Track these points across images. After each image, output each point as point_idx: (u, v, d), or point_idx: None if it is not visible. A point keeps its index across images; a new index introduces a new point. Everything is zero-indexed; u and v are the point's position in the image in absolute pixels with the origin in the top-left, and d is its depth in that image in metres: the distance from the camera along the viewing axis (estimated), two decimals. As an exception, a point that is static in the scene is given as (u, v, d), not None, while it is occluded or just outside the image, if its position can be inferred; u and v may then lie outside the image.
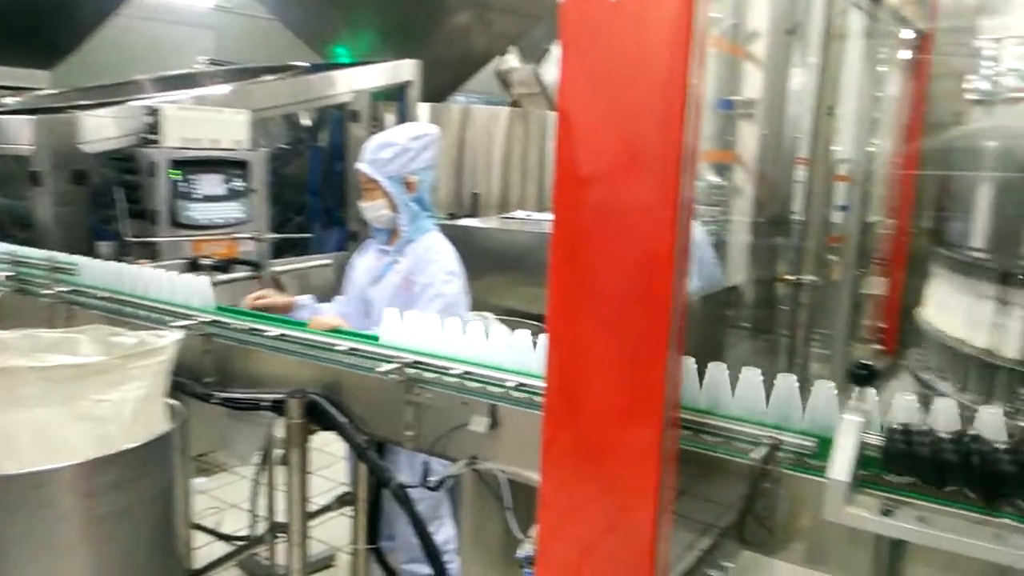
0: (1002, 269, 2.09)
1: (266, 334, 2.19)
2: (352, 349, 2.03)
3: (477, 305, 3.10)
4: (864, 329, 3.92)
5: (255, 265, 4.27)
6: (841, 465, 1.34)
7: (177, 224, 4.13)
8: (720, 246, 2.57)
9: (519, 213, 5.23)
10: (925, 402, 1.47)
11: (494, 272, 3.84)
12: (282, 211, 5.24)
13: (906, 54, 3.84)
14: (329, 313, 2.68)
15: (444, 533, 2.66)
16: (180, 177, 4.12)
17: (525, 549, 1.58)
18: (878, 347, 3.86)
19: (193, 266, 3.95)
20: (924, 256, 2.73)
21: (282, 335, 2.17)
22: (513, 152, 6.47)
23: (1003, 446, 1.31)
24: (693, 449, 1.57)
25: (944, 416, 1.40)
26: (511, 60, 7.13)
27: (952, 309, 2.32)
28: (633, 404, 1.33)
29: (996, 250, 2.15)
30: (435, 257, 2.67)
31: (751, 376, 1.59)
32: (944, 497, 1.35)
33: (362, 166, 2.67)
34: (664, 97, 1.26)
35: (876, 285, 3.95)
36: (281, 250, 4.84)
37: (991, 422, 1.36)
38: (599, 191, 1.32)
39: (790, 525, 1.59)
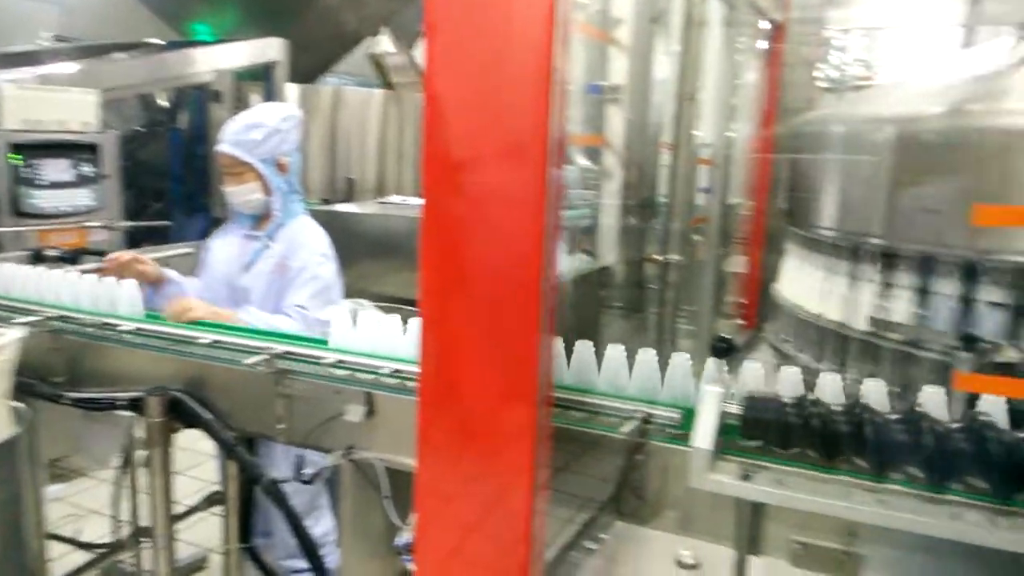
0: (847, 245, 2.24)
1: (120, 328, 2.06)
2: (216, 341, 1.94)
3: (354, 292, 3.04)
4: (727, 305, 4.14)
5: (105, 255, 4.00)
6: (703, 434, 1.40)
7: (20, 213, 3.81)
8: (591, 228, 2.64)
9: (395, 198, 5.15)
10: (776, 371, 1.56)
11: (370, 258, 3.78)
12: (139, 197, 4.94)
13: (762, 43, 4.06)
14: (195, 298, 2.55)
15: (323, 526, 2.61)
16: (21, 162, 3.80)
17: (403, 536, 1.57)
18: (740, 322, 4.09)
19: (38, 258, 3.65)
20: (781, 235, 2.90)
21: (139, 329, 2.05)
22: (388, 136, 6.36)
23: (840, 408, 1.41)
24: (568, 427, 1.61)
25: (790, 383, 1.49)
26: (383, 42, 6.99)
27: (803, 284, 2.48)
28: (507, 386, 1.34)
29: (842, 228, 2.30)
30: (308, 240, 2.62)
31: (617, 353, 1.65)
32: (795, 459, 1.44)
33: (229, 148, 2.55)
34: (530, 80, 1.26)
35: (738, 263, 4.17)
36: (138, 239, 4.55)
37: (831, 387, 1.46)
38: (468, 175, 1.32)
39: (661, 494, 1.66)
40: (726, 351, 1.56)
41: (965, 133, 1.95)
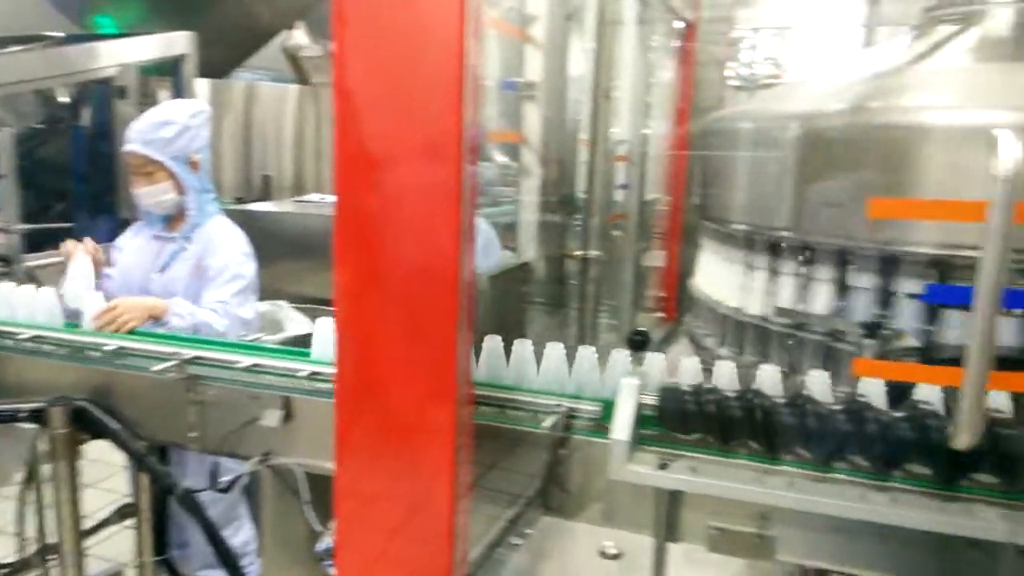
0: (757, 238, 2.32)
1: (19, 337, 1.95)
2: (121, 348, 1.86)
3: (271, 293, 2.97)
4: (648, 299, 4.23)
5: (3, 259, 3.80)
6: (621, 426, 1.43)
7: (-97, 216, 3.56)
8: (512, 225, 2.66)
9: (314, 196, 5.05)
10: (704, 364, 1.60)
11: (288, 258, 3.69)
12: (39, 198, 4.68)
13: (675, 42, 4.15)
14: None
15: (242, 535, 2.54)
16: (-97, 162, 3.54)
17: (324, 542, 1.54)
18: (661, 315, 4.19)
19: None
20: (697, 229, 2.97)
21: (37, 336, 1.94)
22: (306, 132, 6.22)
23: (733, 394, 1.46)
24: (491, 424, 1.61)
25: (689, 373, 1.54)
26: (299, 36, 6.83)
27: (717, 276, 2.55)
28: (426, 384, 1.33)
29: (752, 222, 2.37)
30: (227, 240, 2.56)
31: (541, 350, 1.66)
32: (710, 447, 1.48)
33: (139, 147, 2.46)
34: (443, 76, 1.25)
35: (656, 258, 4.27)
36: (38, 242, 4.31)
37: (726, 374, 1.51)
38: (382, 172, 1.30)
39: (585, 487, 1.68)
40: (642, 344, 1.59)
41: (864, 129, 2.03)
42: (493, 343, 1.65)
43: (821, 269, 2.13)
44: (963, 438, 1.11)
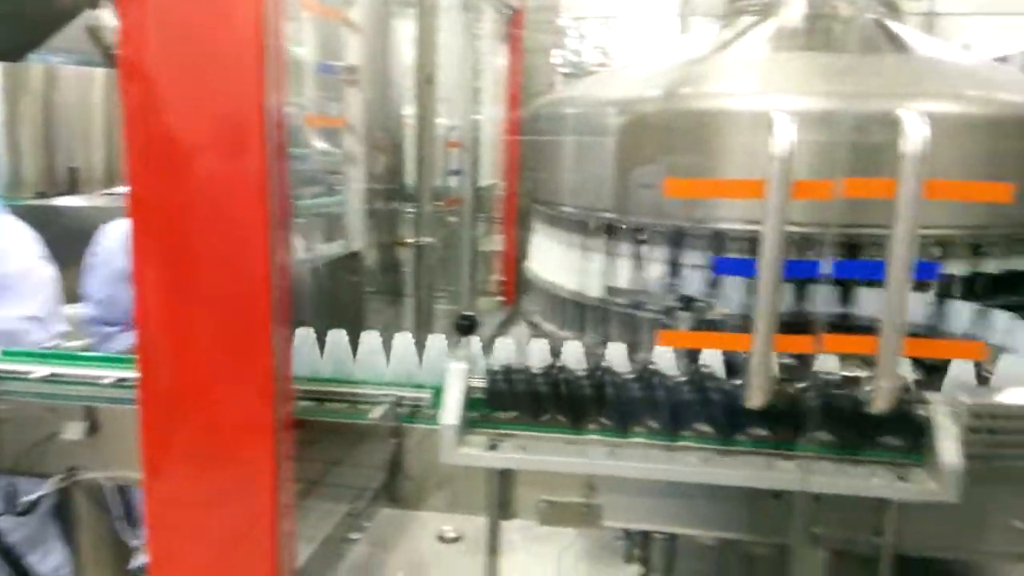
0: (583, 220, 2.39)
1: None
2: None
3: (79, 296, 2.73)
4: (487, 283, 4.28)
5: None
6: (450, 410, 1.43)
7: None
8: (340, 214, 2.59)
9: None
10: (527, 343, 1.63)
11: (100, 256, 3.40)
12: None
13: (502, 28, 4.19)
14: None
15: (52, 560, 2.32)
16: None
17: (139, 559, 1.44)
18: (500, 298, 4.24)
19: None
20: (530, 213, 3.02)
21: None
22: (117, 119, 5.75)
23: (583, 374, 1.51)
24: (318, 419, 1.56)
25: (503, 352, 1.57)
26: (104, 15, 6.28)
27: (549, 258, 2.61)
28: (241, 384, 1.27)
29: (578, 204, 2.44)
30: (18, 243, 2.32)
31: (371, 339, 1.63)
32: (542, 424, 1.52)
33: None
34: (244, 53, 1.19)
35: (495, 242, 4.32)
36: None
37: (573, 354, 1.55)
38: (179, 160, 1.22)
39: (423, 475, 1.67)
40: (469, 328, 1.60)
41: (675, 114, 2.14)
42: (334, 335, 1.60)
43: (646, 249, 2.23)
44: (754, 398, 1.20)
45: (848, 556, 1.47)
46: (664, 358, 1.49)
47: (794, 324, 1.31)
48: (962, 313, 1.72)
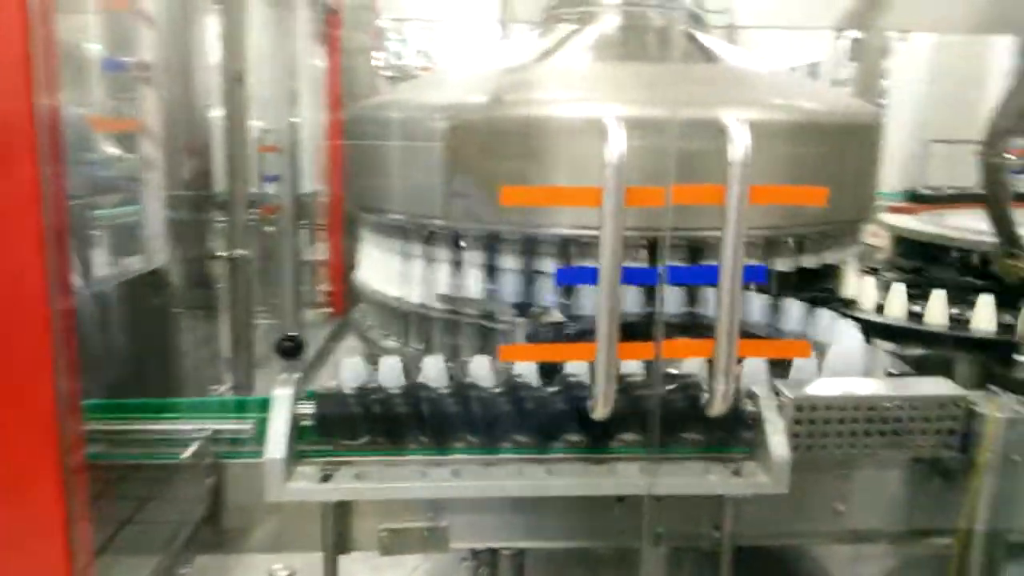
0: (411, 228, 2.31)
1: None
2: None
3: None
4: (314, 294, 4.06)
5: None
6: (275, 443, 1.30)
7: None
8: (134, 226, 2.31)
9: None
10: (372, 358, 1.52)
11: None
12: None
13: (319, 27, 4.00)
14: None
15: None
16: None
17: None
18: (329, 310, 4.04)
19: None
20: (356, 220, 2.88)
21: None
22: None
23: (399, 391, 1.42)
24: (116, 463, 1.37)
25: (353, 374, 1.46)
26: None
27: (377, 267, 2.50)
28: (19, 435, 1.07)
29: (405, 211, 2.36)
30: None
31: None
32: (371, 448, 1.41)
33: None
34: (6, 48, 1.00)
35: (319, 251, 4.11)
36: None
37: (390, 371, 1.47)
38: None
39: (246, 514, 1.52)
40: (294, 350, 1.47)
41: (501, 121, 2.11)
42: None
43: (472, 255, 2.19)
44: (600, 410, 1.18)
45: (690, 552, 1.49)
46: (480, 368, 1.44)
47: (638, 327, 1.31)
48: (792, 311, 1.80)
